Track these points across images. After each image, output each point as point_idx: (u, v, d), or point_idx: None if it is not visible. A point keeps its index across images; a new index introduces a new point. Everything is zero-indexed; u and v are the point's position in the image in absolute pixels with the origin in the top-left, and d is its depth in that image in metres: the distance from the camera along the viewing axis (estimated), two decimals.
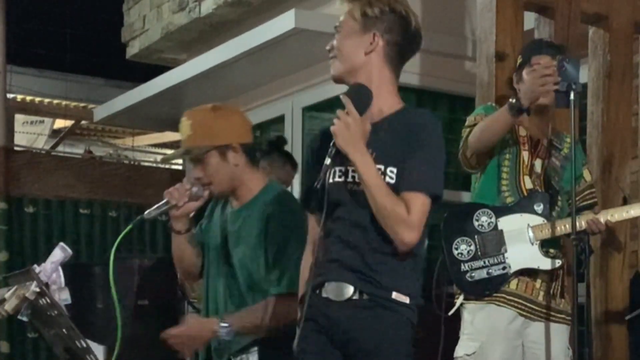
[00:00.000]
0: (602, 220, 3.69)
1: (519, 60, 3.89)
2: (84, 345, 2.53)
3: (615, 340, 4.47)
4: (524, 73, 3.79)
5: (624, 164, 4.56)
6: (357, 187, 2.69)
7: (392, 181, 2.66)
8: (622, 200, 4.08)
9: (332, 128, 2.64)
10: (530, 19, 4.55)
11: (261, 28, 6.44)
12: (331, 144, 2.64)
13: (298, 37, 6.16)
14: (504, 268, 3.68)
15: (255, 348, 3.16)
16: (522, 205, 3.73)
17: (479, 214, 3.73)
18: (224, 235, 3.27)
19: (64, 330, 2.58)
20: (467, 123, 3.83)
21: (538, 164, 3.80)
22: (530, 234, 3.71)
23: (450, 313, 3.72)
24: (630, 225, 4.52)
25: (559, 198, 3.79)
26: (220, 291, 3.25)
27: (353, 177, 2.70)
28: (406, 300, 2.67)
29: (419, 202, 2.62)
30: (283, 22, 6.15)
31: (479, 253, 3.70)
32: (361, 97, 2.67)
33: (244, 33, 6.71)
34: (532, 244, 3.71)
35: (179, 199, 3.13)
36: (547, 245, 3.74)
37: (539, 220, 3.71)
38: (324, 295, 2.70)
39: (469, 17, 6.50)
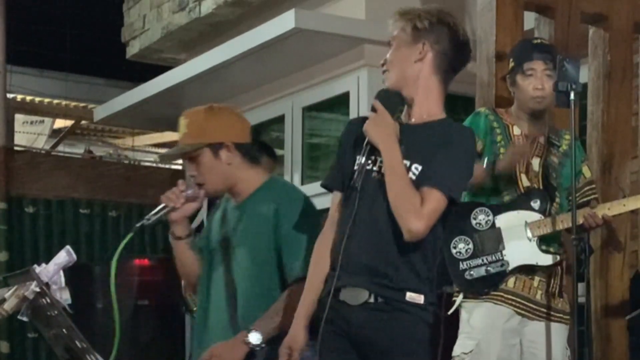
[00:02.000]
0: (599, 214, 3.70)
1: (511, 64, 3.89)
2: (84, 345, 2.53)
3: (615, 340, 4.47)
4: (519, 79, 3.80)
5: (624, 164, 4.56)
6: (380, 175, 2.79)
7: (414, 177, 2.75)
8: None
9: (364, 127, 2.79)
10: (530, 19, 4.55)
11: (261, 28, 6.43)
12: (364, 143, 2.78)
13: (298, 37, 6.16)
14: (502, 265, 3.69)
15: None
16: (519, 202, 3.75)
17: (476, 212, 3.74)
18: (224, 234, 3.26)
19: (64, 330, 2.58)
20: None
21: (536, 162, 3.80)
22: (528, 230, 3.72)
23: (450, 312, 3.72)
24: (630, 225, 4.52)
25: (557, 194, 3.79)
26: (222, 292, 3.22)
27: (379, 167, 2.80)
28: (420, 300, 2.74)
29: (434, 198, 2.71)
30: (283, 22, 6.15)
31: (477, 251, 3.72)
32: (390, 100, 2.83)
33: (244, 33, 6.70)
34: (530, 240, 3.72)
35: (175, 200, 3.15)
36: (546, 241, 3.74)
37: (536, 216, 3.73)
38: (341, 298, 2.76)
39: (469, 17, 6.50)
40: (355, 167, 2.82)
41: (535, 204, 3.74)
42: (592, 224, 3.70)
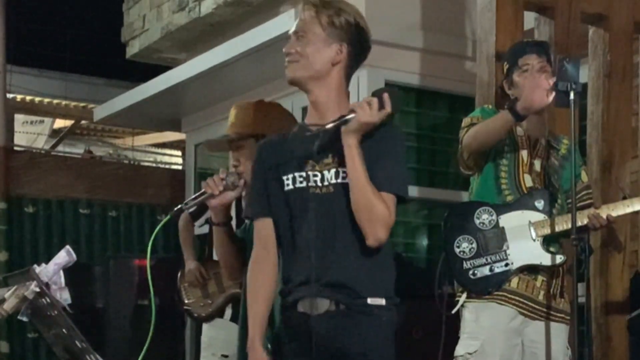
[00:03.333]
0: (603, 215, 3.69)
1: (506, 67, 3.88)
2: (84, 345, 2.53)
3: (615, 340, 4.47)
4: (515, 77, 3.80)
5: (624, 164, 4.56)
6: (321, 190, 2.73)
7: (346, 180, 2.70)
8: (622, 200, 4.07)
9: (353, 105, 2.71)
10: (530, 19, 4.55)
11: (261, 28, 6.44)
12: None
13: None
14: (506, 265, 3.69)
15: None
16: (523, 202, 3.74)
17: (479, 211, 3.74)
18: None
19: (64, 330, 2.58)
20: (463, 124, 3.84)
21: (537, 163, 3.81)
22: (532, 230, 3.71)
23: (453, 311, 3.73)
24: (630, 225, 4.52)
25: (559, 196, 3.79)
26: None
27: (315, 181, 2.74)
28: (382, 302, 2.70)
29: (393, 202, 2.70)
30: (283, 22, 6.15)
31: (481, 250, 3.71)
32: (392, 100, 2.72)
33: (244, 33, 6.71)
34: (534, 240, 3.72)
35: (214, 187, 3.13)
36: (549, 242, 3.74)
37: (540, 216, 3.72)
38: (301, 310, 2.73)
39: (469, 17, 6.50)
40: (288, 188, 2.76)
41: (540, 204, 3.74)
42: (596, 224, 3.69)
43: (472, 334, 3.72)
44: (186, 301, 4.82)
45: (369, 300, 2.68)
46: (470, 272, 3.70)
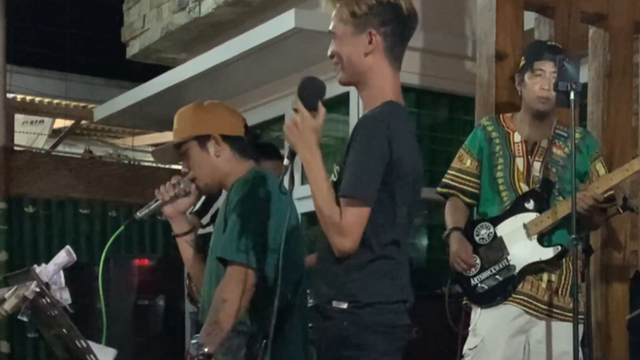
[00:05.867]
0: (588, 195, 3.70)
1: (522, 62, 3.91)
2: (84, 345, 2.53)
3: (615, 340, 4.47)
4: (527, 78, 3.81)
5: (624, 164, 4.56)
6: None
7: (335, 179, 2.65)
8: (622, 199, 4.07)
9: (284, 127, 2.60)
10: (530, 19, 4.55)
11: (261, 28, 6.43)
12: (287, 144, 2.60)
13: (298, 37, 6.15)
14: (509, 270, 3.77)
15: None
16: (515, 207, 3.82)
17: (478, 228, 3.85)
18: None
19: (64, 330, 2.58)
20: (458, 153, 3.97)
21: (536, 165, 3.82)
22: (526, 230, 3.75)
23: (470, 328, 3.81)
24: (630, 225, 4.52)
25: (557, 188, 3.80)
26: (205, 289, 3.21)
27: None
28: (344, 306, 2.57)
29: (347, 207, 2.52)
30: (283, 22, 6.15)
31: (485, 264, 3.82)
32: (310, 91, 2.60)
33: (244, 33, 6.70)
34: (530, 239, 3.75)
35: (164, 194, 3.15)
36: (546, 237, 3.77)
37: (531, 216, 3.78)
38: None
39: (469, 17, 6.50)
40: None
41: (529, 205, 3.79)
42: (583, 206, 3.68)
43: (474, 330, 3.80)
44: (200, 299, 4.82)
45: (334, 304, 2.59)
46: (478, 287, 3.80)
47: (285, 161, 2.60)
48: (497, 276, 3.77)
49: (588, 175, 3.89)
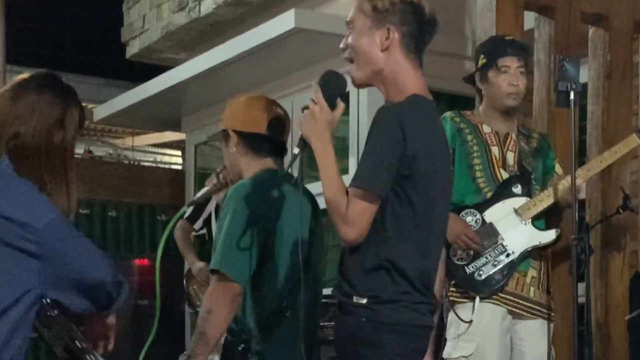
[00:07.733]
0: (582, 177, 3.72)
1: (482, 61, 3.85)
2: (84, 345, 2.53)
3: (615, 340, 4.47)
4: (491, 76, 3.78)
5: (624, 164, 4.56)
6: None
7: None
8: (622, 199, 4.08)
9: (298, 117, 2.61)
10: (530, 19, 4.55)
11: (261, 28, 6.44)
12: (299, 135, 2.60)
13: (298, 37, 6.16)
14: (507, 255, 3.70)
15: None
16: (501, 193, 3.77)
17: (463, 215, 3.76)
18: None
19: (64, 330, 2.57)
20: None
21: (510, 156, 3.81)
22: (519, 215, 3.73)
23: (472, 317, 3.71)
24: (630, 225, 4.52)
25: (533, 177, 3.81)
26: None
27: None
28: (363, 301, 2.56)
29: (354, 197, 2.52)
30: (283, 22, 6.16)
31: (478, 251, 3.71)
32: (332, 85, 2.61)
33: (244, 33, 6.71)
34: (525, 224, 3.74)
35: (208, 182, 3.32)
36: (538, 220, 3.77)
37: (521, 200, 3.76)
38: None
39: (469, 17, 6.50)
40: None
41: (517, 189, 3.77)
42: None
43: (467, 336, 3.69)
44: (198, 303, 4.82)
45: (354, 299, 2.58)
46: (475, 274, 3.71)
47: (295, 150, 2.61)
48: (495, 262, 3.70)
49: (553, 171, 3.89)
